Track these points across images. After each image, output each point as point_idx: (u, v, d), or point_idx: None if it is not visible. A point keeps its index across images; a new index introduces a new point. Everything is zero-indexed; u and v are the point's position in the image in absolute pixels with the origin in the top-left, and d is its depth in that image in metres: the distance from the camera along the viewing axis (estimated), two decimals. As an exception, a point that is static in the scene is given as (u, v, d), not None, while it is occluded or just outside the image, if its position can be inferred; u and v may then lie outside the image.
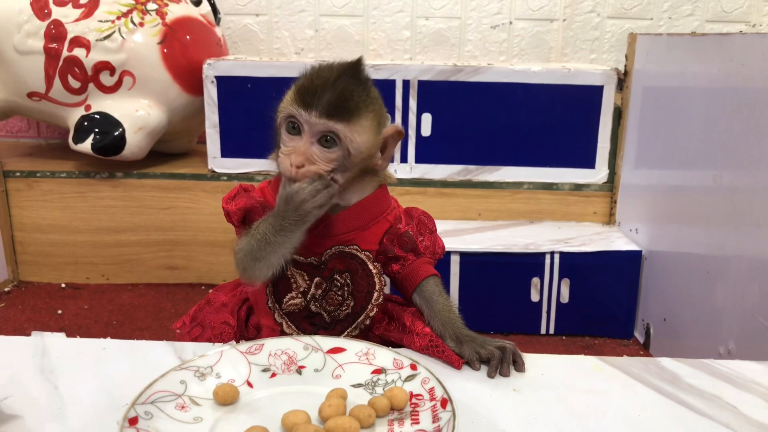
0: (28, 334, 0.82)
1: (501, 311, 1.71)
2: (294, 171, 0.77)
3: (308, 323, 0.86)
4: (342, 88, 0.76)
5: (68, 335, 0.83)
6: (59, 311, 1.76)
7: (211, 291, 0.99)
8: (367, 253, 0.85)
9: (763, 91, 1.21)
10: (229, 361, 0.73)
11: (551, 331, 1.73)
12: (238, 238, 0.83)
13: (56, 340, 0.81)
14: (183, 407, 0.66)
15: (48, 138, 2.38)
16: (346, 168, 0.79)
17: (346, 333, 0.86)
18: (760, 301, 1.19)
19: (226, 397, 0.68)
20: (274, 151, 0.85)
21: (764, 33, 1.24)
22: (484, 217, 1.88)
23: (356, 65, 0.78)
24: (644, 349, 1.65)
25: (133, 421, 0.61)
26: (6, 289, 1.88)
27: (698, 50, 1.44)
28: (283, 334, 0.85)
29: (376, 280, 0.86)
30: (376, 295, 0.86)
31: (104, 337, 1.09)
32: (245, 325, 0.92)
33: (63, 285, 1.92)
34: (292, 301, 0.85)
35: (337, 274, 0.85)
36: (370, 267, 0.85)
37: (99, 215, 1.89)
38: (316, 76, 0.77)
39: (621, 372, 0.78)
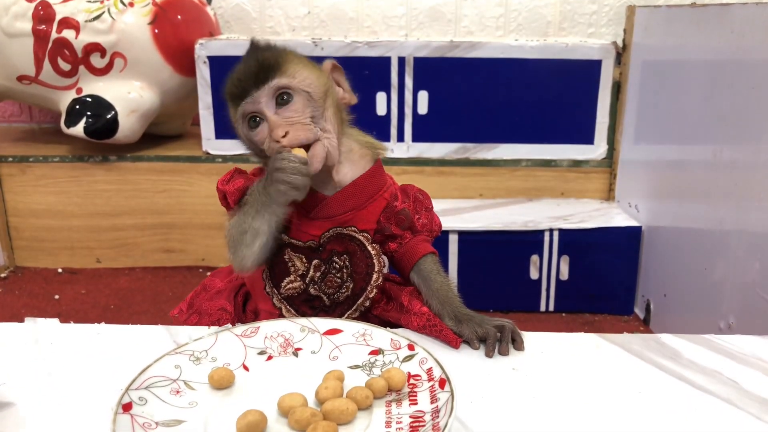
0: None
1: (500, 289, 1.70)
2: (284, 142, 0.76)
3: (307, 307, 0.85)
4: (255, 58, 0.79)
5: (65, 320, 0.83)
6: (56, 296, 1.75)
7: (207, 276, 0.98)
8: (366, 234, 0.84)
9: (764, 63, 1.19)
10: (224, 344, 0.72)
11: (551, 308, 1.72)
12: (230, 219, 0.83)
13: (49, 326, 0.81)
14: (178, 392, 0.65)
15: (40, 122, 2.35)
16: (322, 111, 0.79)
17: (346, 315, 0.85)
18: (761, 275, 1.18)
19: (222, 381, 0.67)
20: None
21: (765, 3, 1.21)
22: (482, 196, 1.87)
23: (252, 43, 0.82)
24: (644, 325, 1.65)
25: (127, 407, 0.60)
26: (2, 275, 1.87)
27: (698, 22, 1.42)
28: (281, 318, 0.84)
29: (375, 261, 0.85)
30: (375, 276, 0.85)
31: (102, 321, 1.09)
32: (243, 310, 0.91)
33: (59, 270, 1.91)
34: (290, 285, 0.84)
35: (336, 256, 0.83)
36: (369, 248, 0.84)
37: (93, 199, 1.87)
38: (233, 72, 0.80)
39: (621, 349, 0.77)
